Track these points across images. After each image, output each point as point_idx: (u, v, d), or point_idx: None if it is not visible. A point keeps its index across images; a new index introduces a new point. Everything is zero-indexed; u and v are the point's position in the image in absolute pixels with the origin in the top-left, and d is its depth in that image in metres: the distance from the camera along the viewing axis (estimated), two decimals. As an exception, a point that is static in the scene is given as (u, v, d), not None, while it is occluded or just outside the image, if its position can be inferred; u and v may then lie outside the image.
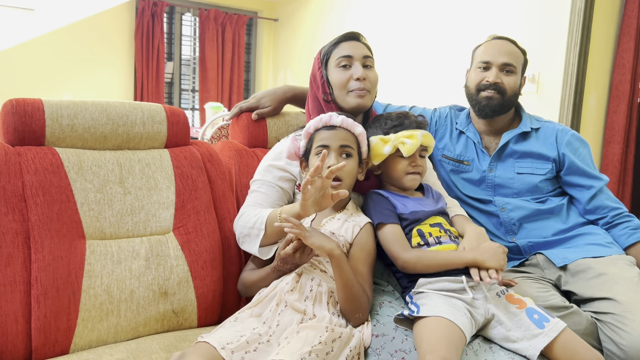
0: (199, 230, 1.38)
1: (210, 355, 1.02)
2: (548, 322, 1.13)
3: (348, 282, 1.14)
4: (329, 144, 1.26)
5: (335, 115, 1.29)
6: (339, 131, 1.27)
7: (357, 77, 1.39)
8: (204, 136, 3.22)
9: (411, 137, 1.29)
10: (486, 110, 1.65)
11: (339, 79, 1.41)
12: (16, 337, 1.13)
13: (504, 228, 1.64)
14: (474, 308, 1.15)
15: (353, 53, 1.41)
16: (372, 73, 1.44)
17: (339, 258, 1.13)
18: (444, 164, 1.75)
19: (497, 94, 1.63)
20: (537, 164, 1.65)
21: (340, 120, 1.28)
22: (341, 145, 1.26)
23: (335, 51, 1.44)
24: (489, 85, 1.63)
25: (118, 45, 4.96)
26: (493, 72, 1.64)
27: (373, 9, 4.46)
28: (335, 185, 1.24)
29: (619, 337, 1.27)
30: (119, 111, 1.37)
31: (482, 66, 1.66)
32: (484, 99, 1.64)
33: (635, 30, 3.22)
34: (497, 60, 1.64)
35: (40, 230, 1.18)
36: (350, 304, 1.14)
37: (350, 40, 1.44)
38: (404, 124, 1.33)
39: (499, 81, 1.62)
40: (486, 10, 3.53)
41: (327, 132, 1.27)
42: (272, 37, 5.85)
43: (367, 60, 1.43)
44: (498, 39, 1.69)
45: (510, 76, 1.64)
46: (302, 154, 1.34)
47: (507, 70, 1.64)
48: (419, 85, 4.02)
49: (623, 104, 3.29)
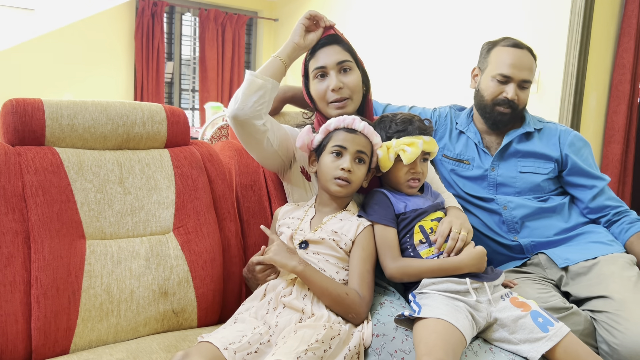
0: (199, 230, 1.38)
1: (213, 355, 1.02)
2: (552, 326, 1.13)
3: (324, 292, 1.16)
4: (347, 147, 1.27)
5: (358, 119, 1.29)
6: (359, 136, 1.28)
7: (332, 89, 1.37)
8: (204, 136, 3.22)
9: (412, 144, 1.29)
10: (499, 125, 1.66)
11: (317, 91, 1.41)
12: (16, 337, 1.13)
13: (506, 226, 1.64)
14: (477, 311, 1.15)
15: (326, 62, 1.39)
16: (350, 77, 1.39)
17: (302, 274, 1.17)
18: (444, 163, 1.75)
19: (510, 110, 1.62)
20: (539, 163, 1.66)
21: (362, 126, 1.28)
22: (358, 151, 1.27)
23: (312, 61, 1.42)
24: (506, 102, 1.61)
25: (118, 45, 4.96)
26: (512, 88, 1.60)
27: (373, 9, 4.46)
28: (343, 185, 1.26)
29: (612, 337, 1.27)
30: (119, 111, 1.37)
31: (501, 79, 1.61)
32: (498, 115, 1.63)
33: (635, 30, 3.22)
34: (518, 76, 1.60)
35: (40, 230, 1.18)
36: (336, 307, 1.16)
37: (325, 47, 1.41)
38: (407, 130, 1.32)
39: (515, 98, 1.60)
40: (486, 10, 3.53)
41: (347, 135, 1.28)
42: (272, 37, 5.85)
43: (344, 64, 1.39)
44: (518, 49, 1.62)
45: (525, 91, 1.63)
46: (314, 148, 1.34)
47: (523, 86, 1.62)
48: (419, 85, 4.02)
49: (623, 104, 3.29)
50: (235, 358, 1.03)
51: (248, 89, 1.28)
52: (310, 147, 1.34)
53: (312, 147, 1.34)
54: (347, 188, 1.27)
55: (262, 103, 1.29)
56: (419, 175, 1.32)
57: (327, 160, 1.28)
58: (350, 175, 1.25)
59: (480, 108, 1.69)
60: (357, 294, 1.18)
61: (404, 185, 1.33)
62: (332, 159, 1.27)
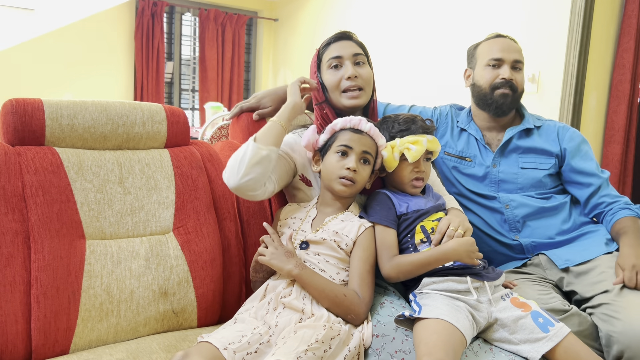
0: (199, 230, 1.38)
1: (212, 355, 1.02)
2: (553, 327, 1.13)
3: (321, 294, 1.16)
4: (353, 147, 1.27)
5: (365, 120, 1.30)
6: (365, 137, 1.29)
7: (348, 76, 1.39)
8: (204, 136, 3.22)
9: (416, 142, 1.29)
10: (503, 107, 1.66)
11: (331, 80, 1.42)
12: (16, 337, 1.13)
13: (507, 225, 1.64)
14: (477, 311, 1.15)
15: (342, 53, 1.42)
16: (364, 70, 1.43)
17: (299, 277, 1.17)
18: (446, 160, 1.75)
19: (510, 91, 1.64)
20: (540, 159, 1.66)
21: (368, 127, 1.29)
22: (364, 151, 1.27)
23: (326, 52, 1.45)
24: (504, 83, 1.63)
25: (118, 45, 4.96)
26: (506, 69, 1.64)
27: (373, 8, 4.46)
28: (347, 184, 1.26)
29: (611, 326, 1.27)
30: (118, 111, 1.37)
31: (494, 64, 1.65)
32: (500, 97, 1.64)
33: (635, 30, 3.22)
34: (509, 57, 1.64)
35: (40, 230, 1.18)
36: (335, 309, 1.16)
37: (340, 40, 1.45)
38: (411, 129, 1.33)
39: (512, 78, 1.63)
40: (486, 10, 3.53)
41: (353, 135, 1.28)
42: (272, 37, 5.85)
43: (358, 57, 1.43)
44: (501, 37, 1.69)
45: (520, 73, 1.66)
46: (319, 147, 1.34)
47: (517, 68, 1.65)
48: (419, 85, 4.02)
49: (623, 104, 3.29)
50: (234, 358, 1.03)
51: (252, 159, 1.24)
52: (316, 146, 1.34)
53: (317, 147, 1.34)
54: (352, 188, 1.27)
55: (264, 174, 1.26)
56: (422, 175, 1.33)
57: (333, 159, 1.28)
58: (355, 175, 1.26)
59: (479, 99, 1.70)
60: (356, 295, 1.18)
61: (408, 185, 1.33)
62: (338, 159, 1.27)
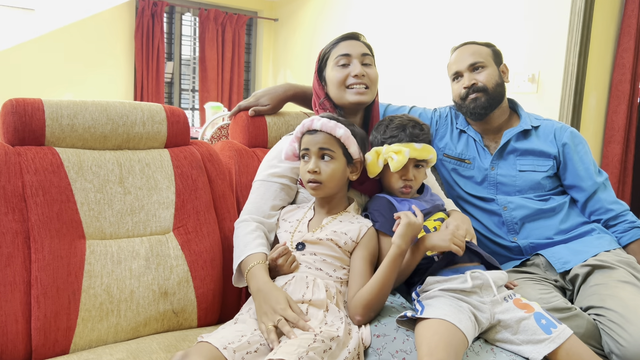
0: (199, 230, 1.38)
1: (212, 355, 1.02)
2: (555, 329, 1.13)
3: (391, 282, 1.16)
4: (310, 148, 1.28)
5: (317, 119, 1.29)
6: (319, 135, 1.27)
7: (355, 74, 1.40)
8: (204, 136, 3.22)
9: (399, 152, 1.29)
10: (477, 110, 1.66)
11: (337, 77, 1.42)
12: (16, 337, 1.13)
13: (506, 227, 1.64)
14: (480, 312, 1.15)
15: (351, 51, 1.43)
16: (372, 70, 1.45)
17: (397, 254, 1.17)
18: (445, 162, 1.75)
19: (479, 93, 1.65)
20: (538, 161, 1.66)
21: (320, 124, 1.27)
22: (320, 148, 1.27)
23: (334, 50, 1.46)
24: (467, 91, 1.66)
25: (118, 45, 4.96)
26: (465, 77, 1.67)
27: (373, 9, 4.46)
28: (314, 187, 1.26)
29: (619, 338, 1.26)
30: (119, 111, 1.37)
31: (454, 77, 1.71)
32: (471, 102, 1.66)
33: (635, 30, 3.22)
34: (463, 65, 1.67)
35: (40, 230, 1.18)
36: (378, 302, 1.16)
37: (349, 39, 1.46)
38: (398, 137, 1.32)
39: (474, 82, 1.65)
40: (486, 10, 3.53)
41: (308, 137, 1.29)
42: (272, 37, 5.85)
43: (366, 58, 1.44)
44: (458, 48, 1.72)
45: (482, 71, 1.66)
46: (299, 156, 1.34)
47: (475, 69, 1.67)
48: (419, 85, 4.02)
49: (623, 104, 3.29)
50: (234, 357, 1.03)
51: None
52: (296, 154, 1.35)
53: (298, 155, 1.35)
54: (320, 189, 1.26)
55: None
56: (410, 183, 1.33)
57: (301, 166, 1.30)
58: (318, 175, 1.25)
59: (461, 111, 1.74)
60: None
61: (397, 191, 1.35)
62: (303, 164, 1.29)
